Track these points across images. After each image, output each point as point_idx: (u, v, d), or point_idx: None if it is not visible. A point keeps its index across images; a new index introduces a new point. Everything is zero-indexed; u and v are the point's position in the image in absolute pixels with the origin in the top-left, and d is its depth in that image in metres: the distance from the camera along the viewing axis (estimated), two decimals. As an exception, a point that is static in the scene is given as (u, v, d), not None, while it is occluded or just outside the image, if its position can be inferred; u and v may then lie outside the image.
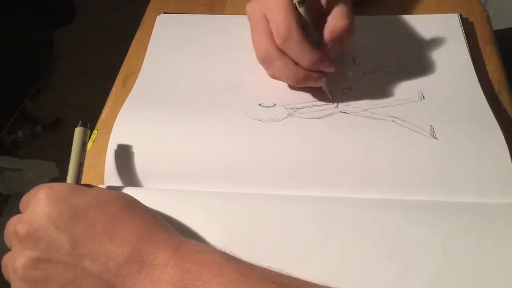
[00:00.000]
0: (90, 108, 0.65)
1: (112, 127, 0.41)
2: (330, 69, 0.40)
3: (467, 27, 0.49)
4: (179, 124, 0.41)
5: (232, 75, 0.46)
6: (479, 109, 0.40)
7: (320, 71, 0.40)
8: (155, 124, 0.41)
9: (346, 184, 0.36)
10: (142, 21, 0.55)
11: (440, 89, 0.42)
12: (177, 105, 0.43)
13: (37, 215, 0.29)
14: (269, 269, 0.28)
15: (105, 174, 0.38)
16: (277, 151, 0.38)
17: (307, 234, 0.33)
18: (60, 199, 0.29)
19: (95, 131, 0.44)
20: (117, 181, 0.38)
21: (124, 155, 0.39)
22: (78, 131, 0.36)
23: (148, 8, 0.56)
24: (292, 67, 0.40)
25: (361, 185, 0.36)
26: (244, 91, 0.44)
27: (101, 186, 0.38)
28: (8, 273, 0.30)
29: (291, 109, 0.41)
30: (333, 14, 0.40)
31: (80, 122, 0.36)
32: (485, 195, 0.35)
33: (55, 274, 0.28)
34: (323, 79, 0.41)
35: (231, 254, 0.29)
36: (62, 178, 1.00)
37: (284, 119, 0.40)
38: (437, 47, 0.46)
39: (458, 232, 0.33)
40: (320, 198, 0.36)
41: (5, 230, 0.31)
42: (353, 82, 0.44)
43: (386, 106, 0.41)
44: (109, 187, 0.38)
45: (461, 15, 0.49)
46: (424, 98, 0.42)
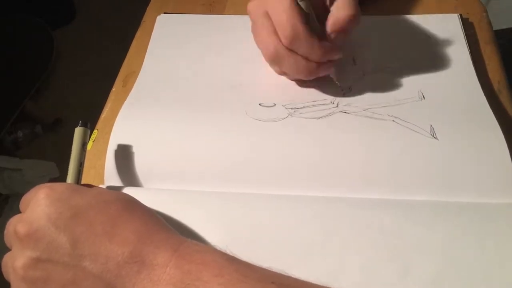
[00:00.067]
0: (90, 108, 0.65)
1: (112, 127, 0.41)
2: (337, 56, 0.41)
3: (467, 27, 0.49)
4: (179, 124, 0.41)
5: (232, 75, 0.46)
6: (479, 109, 0.40)
7: (329, 60, 0.41)
8: (155, 124, 0.41)
9: (346, 184, 0.36)
10: (142, 21, 0.55)
11: (441, 89, 0.42)
12: (177, 105, 0.43)
13: (37, 215, 0.29)
14: (269, 269, 0.28)
15: (105, 174, 0.38)
16: (277, 151, 0.38)
17: (307, 234, 0.33)
18: (60, 199, 0.29)
19: (95, 131, 0.44)
20: (117, 181, 0.38)
21: (124, 155, 0.39)
22: (78, 131, 0.36)
23: (148, 8, 0.56)
24: (303, 63, 0.40)
25: (361, 185, 0.36)
26: (245, 91, 0.44)
27: (101, 186, 0.38)
28: (8, 273, 0.30)
29: (291, 108, 0.41)
30: (336, 4, 0.40)
31: (80, 122, 0.36)
32: (485, 195, 0.35)
33: (55, 274, 0.28)
34: (331, 67, 0.42)
35: (231, 254, 0.29)
36: (62, 178, 1.00)
37: (284, 119, 0.40)
38: (438, 47, 0.46)
39: (458, 232, 0.33)
40: (320, 198, 0.36)
41: (5, 230, 0.31)
42: (354, 82, 0.44)
43: (387, 106, 0.41)
44: (109, 187, 0.38)
45: (461, 15, 0.49)
46: (424, 98, 0.42)
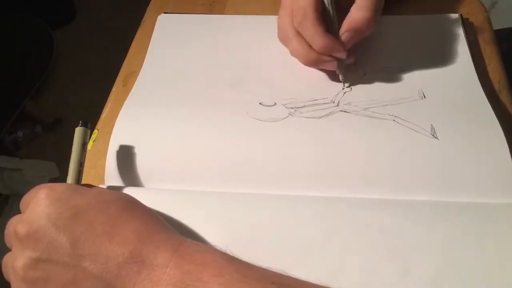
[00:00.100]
0: (90, 108, 0.65)
1: (112, 127, 0.41)
2: (340, 55, 0.41)
3: (468, 27, 0.49)
4: (179, 124, 0.41)
5: (232, 75, 0.46)
6: (480, 108, 0.40)
7: (332, 55, 0.41)
8: (156, 124, 0.41)
9: (346, 184, 0.36)
10: (142, 21, 0.55)
11: (441, 88, 0.42)
12: (178, 105, 0.43)
13: (37, 215, 0.29)
14: (269, 269, 0.28)
15: (106, 174, 0.38)
16: (277, 151, 0.38)
17: (307, 234, 0.33)
18: (60, 199, 0.29)
19: (96, 131, 0.44)
20: (117, 181, 0.38)
21: (124, 155, 0.39)
22: (78, 131, 0.36)
23: (148, 8, 0.56)
24: (305, 48, 0.42)
25: (361, 185, 0.36)
26: (245, 90, 0.44)
27: (101, 186, 0.38)
28: (8, 273, 0.30)
29: (292, 108, 0.41)
30: (355, 5, 0.41)
31: (81, 122, 0.36)
32: (485, 195, 0.35)
33: (55, 274, 0.28)
34: (334, 64, 0.42)
35: (231, 254, 0.29)
36: (62, 178, 1.00)
37: (284, 118, 0.40)
38: (439, 47, 0.46)
39: (458, 232, 0.33)
40: (320, 198, 0.36)
41: (5, 230, 0.31)
42: (354, 81, 0.44)
43: (387, 105, 0.41)
44: (109, 187, 0.38)
45: (461, 15, 0.49)
46: (425, 97, 0.42)
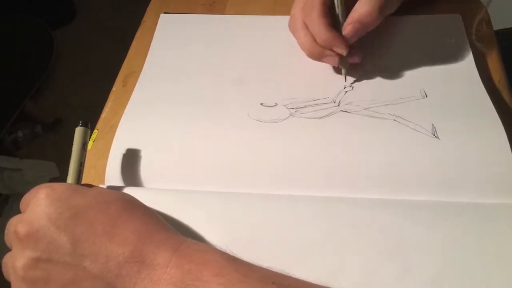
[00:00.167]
0: (90, 108, 0.65)
1: (113, 127, 0.41)
2: (341, 51, 0.42)
3: (468, 27, 0.49)
4: (180, 125, 0.41)
5: (233, 75, 0.46)
6: (482, 108, 0.40)
7: (334, 51, 0.42)
8: (157, 125, 0.41)
9: (346, 184, 0.36)
10: (142, 21, 0.55)
11: (443, 88, 0.42)
12: (178, 106, 0.43)
13: (37, 215, 0.29)
14: (269, 269, 0.28)
15: (107, 174, 0.38)
16: (278, 152, 0.38)
17: (307, 234, 0.33)
18: (60, 199, 0.29)
19: (96, 130, 0.44)
20: (118, 181, 0.38)
21: (126, 156, 0.39)
22: (78, 131, 0.36)
23: (148, 8, 0.56)
24: (309, 40, 0.43)
25: (361, 185, 0.36)
26: (246, 91, 0.44)
27: (102, 186, 0.38)
28: (9, 273, 0.30)
29: (293, 108, 0.41)
30: (360, 0, 0.42)
31: (81, 122, 0.36)
32: (485, 195, 0.35)
33: (55, 274, 0.28)
34: (335, 59, 0.43)
35: (231, 254, 0.29)
36: (62, 178, 1.00)
37: (285, 119, 0.40)
38: (440, 47, 0.46)
39: (458, 232, 0.33)
40: (320, 198, 0.36)
41: (5, 230, 0.31)
42: (355, 80, 0.44)
43: (388, 104, 0.41)
44: (109, 187, 0.38)
45: (462, 15, 0.49)
46: (426, 96, 0.42)
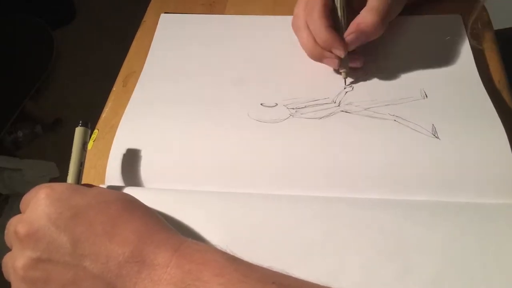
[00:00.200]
0: (90, 108, 0.65)
1: (113, 127, 0.41)
2: (339, 53, 0.42)
3: (468, 27, 0.48)
4: (180, 125, 0.41)
5: (233, 75, 0.46)
6: (482, 108, 0.40)
7: (334, 52, 0.42)
8: (157, 125, 0.41)
9: (347, 184, 0.36)
10: (142, 21, 0.55)
11: (443, 88, 0.42)
12: (179, 107, 0.43)
13: (37, 215, 0.29)
14: (270, 269, 0.28)
15: (107, 174, 0.38)
16: (278, 152, 0.38)
17: (307, 234, 0.33)
18: (60, 199, 0.29)
19: (96, 130, 0.44)
20: (118, 181, 0.38)
21: (126, 156, 0.39)
22: (78, 130, 0.36)
23: (148, 8, 0.56)
24: (311, 41, 0.43)
25: (361, 185, 0.36)
26: (246, 91, 0.44)
27: (102, 186, 0.38)
28: (9, 273, 0.30)
29: (293, 108, 0.41)
30: (366, 7, 0.42)
31: (81, 122, 0.36)
32: (485, 195, 0.35)
33: (55, 274, 0.28)
34: (334, 61, 0.43)
35: (231, 254, 0.29)
36: (62, 178, 1.00)
37: (285, 119, 0.40)
38: (440, 47, 0.46)
39: (458, 232, 0.33)
40: (320, 198, 0.36)
41: (6, 230, 0.31)
42: (355, 81, 0.44)
43: (388, 105, 0.41)
44: (109, 187, 0.38)
45: (462, 16, 0.49)
46: (427, 96, 0.42)
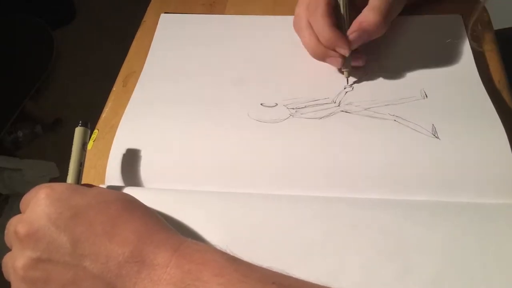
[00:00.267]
0: (90, 108, 0.65)
1: (113, 127, 0.41)
2: (343, 51, 0.42)
3: (468, 27, 0.48)
4: (180, 125, 0.41)
5: (234, 75, 0.46)
6: (482, 108, 0.40)
7: (337, 51, 0.42)
8: (157, 125, 0.41)
9: (347, 184, 0.36)
10: (142, 21, 0.55)
11: (443, 88, 0.42)
12: (179, 107, 0.43)
13: (37, 215, 0.29)
14: (270, 269, 0.28)
15: (107, 174, 0.38)
16: (278, 152, 0.38)
17: (307, 234, 0.33)
18: (60, 199, 0.29)
19: (96, 130, 0.44)
20: (118, 181, 0.38)
21: (126, 156, 0.39)
22: (78, 131, 0.36)
23: (148, 8, 0.56)
24: (314, 40, 0.43)
25: (361, 185, 0.36)
26: (246, 91, 0.44)
27: (102, 186, 0.38)
28: (9, 273, 0.30)
29: (293, 109, 0.41)
30: (368, 6, 0.42)
31: (81, 122, 0.36)
32: (485, 195, 0.35)
33: (55, 274, 0.28)
34: (338, 60, 0.43)
35: (231, 254, 0.29)
36: (62, 178, 1.00)
37: (285, 119, 0.40)
38: (440, 47, 0.46)
39: (458, 232, 0.33)
40: (320, 198, 0.36)
41: (6, 230, 0.31)
42: (355, 81, 0.44)
43: (388, 105, 0.41)
44: (109, 187, 0.38)
45: (462, 16, 0.49)
46: (427, 96, 0.42)
